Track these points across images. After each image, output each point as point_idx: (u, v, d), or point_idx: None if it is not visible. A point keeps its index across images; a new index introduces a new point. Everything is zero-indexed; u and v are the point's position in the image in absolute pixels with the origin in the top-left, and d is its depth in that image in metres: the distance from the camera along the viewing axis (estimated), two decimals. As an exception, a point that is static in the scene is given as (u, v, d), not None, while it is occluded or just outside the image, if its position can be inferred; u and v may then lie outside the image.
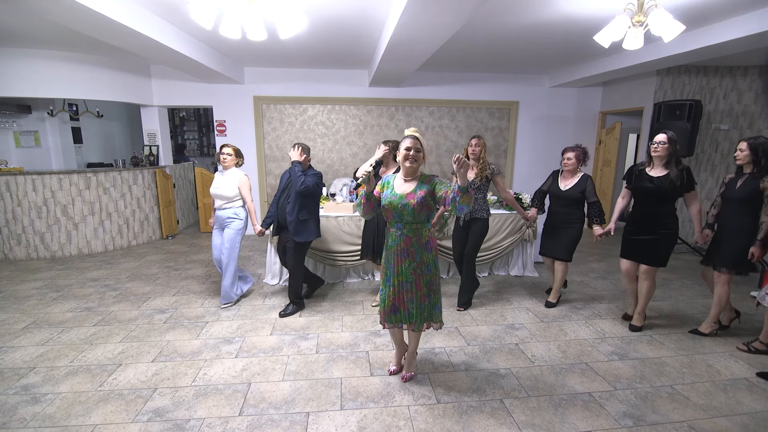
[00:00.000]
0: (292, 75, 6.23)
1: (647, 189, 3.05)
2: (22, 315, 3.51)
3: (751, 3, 3.32)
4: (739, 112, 5.72)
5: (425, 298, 2.37)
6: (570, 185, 3.51)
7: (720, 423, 2.21)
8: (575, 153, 3.45)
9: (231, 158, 3.53)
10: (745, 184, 2.90)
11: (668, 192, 2.99)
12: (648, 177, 3.07)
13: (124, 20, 3.22)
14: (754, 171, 2.88)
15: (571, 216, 3.53)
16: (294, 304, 3.59)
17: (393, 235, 2.34)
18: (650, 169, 3.09)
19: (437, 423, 2.20)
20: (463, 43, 4.58)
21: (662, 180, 3.00)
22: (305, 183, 3.27)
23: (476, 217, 3.52)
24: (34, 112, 6.34)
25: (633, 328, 3.30)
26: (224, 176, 3.55)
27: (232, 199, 3.54)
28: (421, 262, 2.32)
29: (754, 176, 2.86)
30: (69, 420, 2.20)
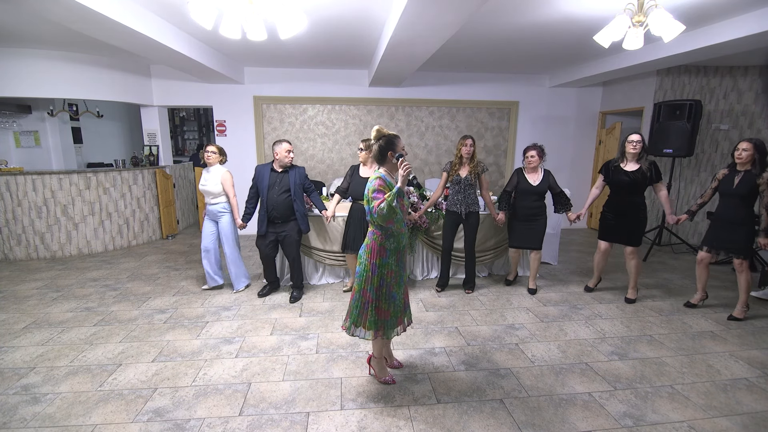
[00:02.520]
0: (292, 75, 6.23)
1: (624, 182, 3.59)
2: (23, 315, 3.51)
3: (751, 3, 3.32)
4: (739, 112, 5.72)
5: None
6: (538, 180, 3.86)
7: (720, 423, 2.22)
8: (536, 151, 3.80)
9: (215, 156, 3.79)
10: (744, 180, 3.21)
11: (641, 183, 3.54)
12: (624, 171, 3.59)
13: (124, 20, 3.22)
14: (751, 169, 3.19)
15: (540, 209, 3.90)
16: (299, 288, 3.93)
17: (405, 234, 2.38)
18: (624, 165, 3.61)
19: (437, 423, 2.20)
20: (463, 43, 4.58)
21: (636, 173, 3.54)
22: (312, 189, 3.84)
23: (472, 210, 3.84)
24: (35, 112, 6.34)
25: (628, 301, 3.84)
26: (210, 173, 3.80)
27: (218, 195, 3.80)
28: None
29: (752, 173, 3.18)
30: (69, 420, 2.20)
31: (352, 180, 3.73)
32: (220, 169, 3.81)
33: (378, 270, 2.29)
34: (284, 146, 3.61)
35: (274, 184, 3.64)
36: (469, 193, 3.80)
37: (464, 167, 3.80)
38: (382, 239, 2.28)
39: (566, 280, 4.47)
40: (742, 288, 3.40)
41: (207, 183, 3.79)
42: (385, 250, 2.29)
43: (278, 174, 3.66)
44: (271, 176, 3.66)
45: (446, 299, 3.90)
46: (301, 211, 3.73)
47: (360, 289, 2.34)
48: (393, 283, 2.34)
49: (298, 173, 3.70)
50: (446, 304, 3.77)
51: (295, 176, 3.67)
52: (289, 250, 3.79)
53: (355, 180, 3.71)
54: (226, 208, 3.85)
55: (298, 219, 3.72)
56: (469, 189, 3.79)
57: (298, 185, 3.68)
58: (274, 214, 3.66)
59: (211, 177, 3.78)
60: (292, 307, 3.70)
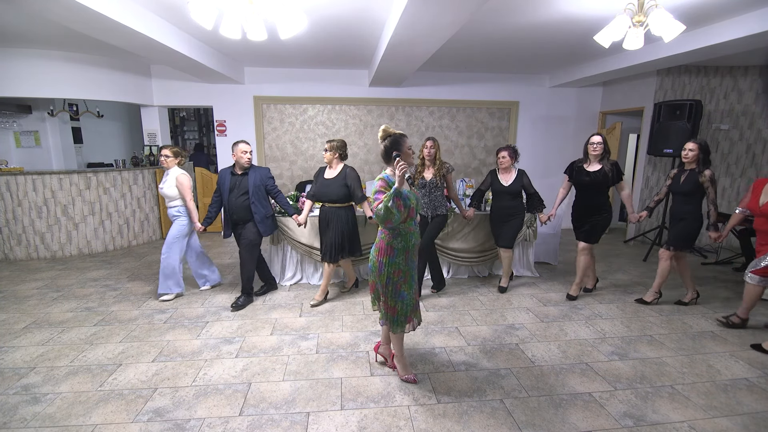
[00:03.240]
0: (293, 75, 6.23)
1: (585, 182, 3.66)
2: (23, 315, 3.51)
3: (751, 3, 3.32)
4: (739, 112, 5.71)
5: None
6: (510, 181, 3.90)
7: (720, 423, 2.21)
8: (508, 152, 3.85)
9: (170, 159, 3.70)
10: (688, 178, 3.47)
11: (602, 183, 3.60)
12: (585, 172, 3.67)
13: (124, 20, 3.22)
14: (695, 168, 3.45)
15: (515, 209, 3.94)
16: (246, 294, 3.73)
17: (415, 234, 2.37)
18: (587, 165, 3.69)
19: (437, 423, 2.20)
20: (463, 43, 4.58)
21: (597, 174, 3.60)
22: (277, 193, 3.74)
23: (439, 213, 3.77)
24: (35, 112, 6.34)
25: (570, 297, 3.91)
26: (168, 176, 3.72)
27: (174, 198, 3.71)
28: None
29: (695, 172, 3.43)
30: (69, 420, 2.20)
31: (317, 182, 3.66)
32: (176, 172, 3.71)
33: (385, 269, 2.33)
34: (240, 147, 3.52)
35: (234, 186, 3.55)
36: (436, 196, 3.74)
37: (428, 170, 3.75)
38: (390, 238, 2.31)
39: (566, 281, 4.46)
40: (661, 275, 3.67)
41: (164, 186, 3.69)
42: (393, 249, 2.31)
43: (238, 176, 3.57)
44: (232, 179, 3.57)
45: (446, 299, 3.90)
46: (261, 214, 3.60)
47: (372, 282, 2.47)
48: (401, 282, 2.36)
49: (258, 175, 3.59)
50: (446, 304, 3.77)
51: (255, 178, 3.56)
52: (242, 251, 3.65)
53: (320, 182, 3.63)
54: (180, 212, 3.74)
55: (257, 222, 3.58)
56: (435, 191, 3.72)
57: (258, 187, 3.56)
58: (235, 218, 3.60)
59: (167, 180, 3.69)
60: (293, 307, 3.70)
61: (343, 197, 3.57)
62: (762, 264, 3.04)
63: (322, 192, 3.60)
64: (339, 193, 3.54)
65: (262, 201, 3.62)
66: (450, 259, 4.43)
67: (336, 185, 3.55)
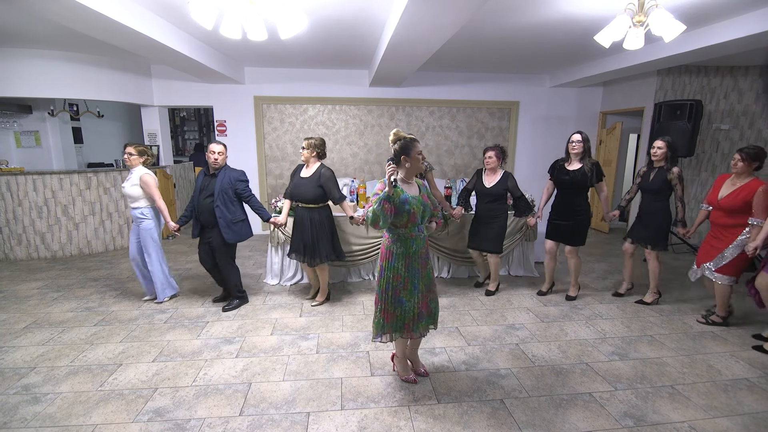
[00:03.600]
0: (293, 75, 6.23)
1: (565, 180, 3.61)
2: (23, 315, 3.51)
3: (751, 3, 3.32)
4: (739, 112, 5.71)
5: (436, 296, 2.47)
6: (494, 182, 3.78)
7: (721, 423, 2.21)
8: (495, 152, 3.73)
9: (134, 157, 3.53)
10: (657, 176, 3.51)
11: (581, 182, 3.53)
12: (566, 171, 3.62)
13: (125, 20, 3.22)
14: (663, 165, 3.48)
15: (496, 211, 3.83)
16: (238, 299, 3.68)
17: (417, 239, 2.29)
18: (568, 164, 3.64)
19: (438, 423, 2.20)
20: (463, 43, 4.58)
21: (577, 172, 3.55)
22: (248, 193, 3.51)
23: None
24: (35, 112, 6.35)
25: (569, 298, 3.91)
26: (131, 175, 3.54)
27: (138, 198, 3.53)
28: (429, 260, 2.42)
29: (664, 170, 3.46)
30: (69, 420, 2.20)
31: (293, 181, 3.53)
32: (140, 171, 3.53)
33: (384, 272, 2.31)
34: (209, 147, 3.39)
35: (204, 188, 3.44)
36: None
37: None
38: (390, 242, 2.31)
39: (566, 281, 4.46)
40: (653, 275, 3.71)
41: (126, 185, 3.52)
42: (392, 254, 2.29)
43: (209, 177, 3.44)
44: (204, 180, 3.46)
45: (446, 299, 3.90)
46: (226, 218, 3.38)
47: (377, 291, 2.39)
48: (401, 288, 2.30)
49: (227, 177, 3.39)
50: (446, 304, 3.77)
51: (224, 180, 3.37)
52: (217, 258, 3.53)
53: (295, 181, 3.51)
54: (145, 214, 3.55)
55: (221, 227, 3.38)
56: None
57: (225, 189, 3.37)
58: (202, 219, 3.47)
59: (130, 179, 3.52)
60: (293, 307, 3.70)
61: (316, 198, 3.42)
62: (723, 262, 3.16)
63: (295, 192, 3.48)
64: (312, 193, 3.40)
65: (229, 205, 3.41)
66: (449, 259, 4.43)
67: (309, 185, 3.41)
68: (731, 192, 3.11)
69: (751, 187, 3.00)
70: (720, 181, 3.27)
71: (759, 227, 2.93)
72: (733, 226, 3.11)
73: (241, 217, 3.53)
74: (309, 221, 3.47)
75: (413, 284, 2.31)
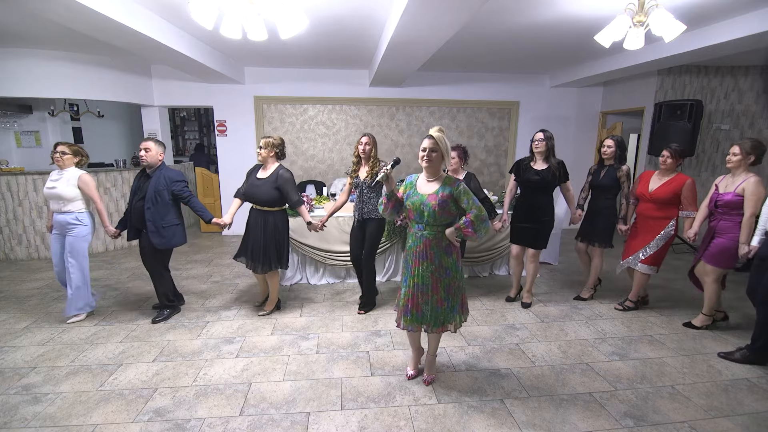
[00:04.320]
0: (293, 75, 6.23)
1: (534, 180, 3.49)
2: (23, 315, 3.51)
3: (752, 3, 3.32)
4: (740, 112, 5.71)
5: (443, 302, 2.33)
6: None
7: (721, 423, 2.21)
8: (457, 152, 3.62)
9: (68, 157, 3.21)
10: (608, 174, 3.58)
11: (550, 182, 3.47)
12: (534, 170, 3.51)
13: (125, 20, 3.22)
14: (613, 164, 3.55)
15: None
16: (168, 308, 3.46)
17: (413, 236, 2.32)
18: (534, 164, 3.54)
19: (438, 423, 2.20)
20: (463, 43, 4.58)
21: (545, 172, 3.46)
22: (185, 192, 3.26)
23: (371, 217, 3.39)
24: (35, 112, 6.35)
25: (525, 305, 3.75)
26: (61, 175, 3.22)
27: (72, 200, 3.21)
28: (440, 265, 2.29)
29: (614, 168, 3.54)
30: (70, 420, 2.20)
31: (248, 181, 3.34)
32: (76, 172, 3.24)
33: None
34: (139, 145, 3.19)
35: (138, 189, 3.21)
36: (369, 197, 3.36)
37: (363, 168, 3.40)
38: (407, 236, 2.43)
39: (567, 281, 4.46)
40: (594, 271, 3.81)
41: (57, 185, 3.16)
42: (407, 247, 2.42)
43: (144, 178, 3.22)
44: (138, 181, 3.23)
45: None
46: (155, 222, 3.15)
47: None
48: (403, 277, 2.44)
49: (162, 177, 3.16)
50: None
51: (158, 182, 3.14)
52: (146, 262, 3.32)
53: (250, 181, 3.31)
54: (80, 219, 3.23)
55: (149, 231, 3.14)
56: (369, 193, 3.36)
57: (160, 191, 3.14)
58: (134, 222, 3.23)
59: (63, 179, 3.19)
60: (293, 307, 3.70)
61: (272, 201, 3.23)
62: (649, 253, 3.41)
63: (250, 193, 3.26)
64: (268, 195, 3.21)
65: (161, 208, 3.16)
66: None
67: (266, 187, 3.21)
68: (661, 185, 3.36)
69: (679, 179, 3.30)
70: (646, 176, 3.53)
71: (692, 219, 3.26)
72: (660, 218, 3.37)
73: (175, 221, 3.27)
74: (263, 225, 3.25)
75: (404, 277, 2.42)
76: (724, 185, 3.08)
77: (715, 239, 3.07)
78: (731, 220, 3.00)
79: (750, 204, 2.87)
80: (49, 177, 3.25)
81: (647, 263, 3.43)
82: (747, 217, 2.88)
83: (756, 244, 2.81)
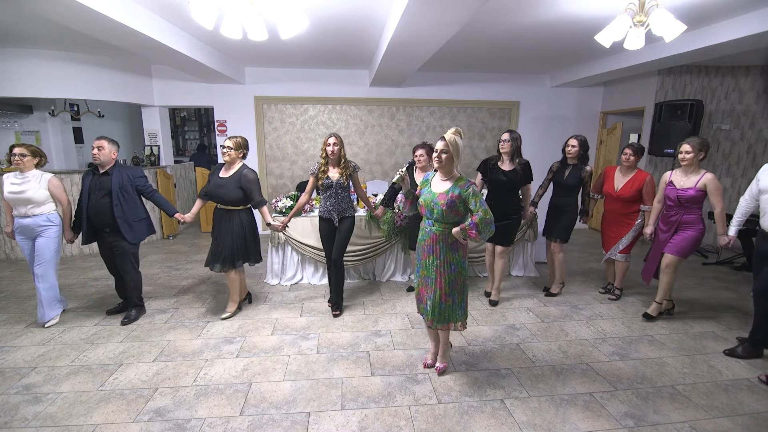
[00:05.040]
0: (293, 75, 6.23)
1: (502, 181, 3.59)
2: (24, 315, 3.51)
3: (752, 3, 3.32)
4: (740, 112, 5.71)
5: (447, 297, 2.42)
6: None
7: (722, 423, 2.21)
8: (425, 149, 3.66)
9: (28, 159, 3.12)
10: (573, 173, 3.71)
11: (517, 182, 3.58)
12: (502, 171, 3.60)
13: (125, 20, 3.22)
14: (578, 163, 3.70)
15: None
16: (137, 308, 3.45)
17: (423, 231, 2.46)
18: (501, 164, 3.63)
19: (438, 423, 2.20)
20: (464, 43, 4.58)
21: (512, 173, 3.57)
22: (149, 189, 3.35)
23: (346, 215, 3.47)
24: (36, 112, 6.36)
25: (492, 303, 3.82)
26: (27, 178, 3.12)
27: (43, 203, 3.16)
28: (444, 260, 2.38)
29: (578, 167, 3.68)
30: (70, 419, 2.20)
31: (211, 180, 3.32)
32: (44, 175, 3.19)
33: None
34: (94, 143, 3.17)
35: (93, 188, 3.17)
36: (343, 197, 3.43)
37: (333, 169, 3.41)
38: None
39: (567, 281, 4.46)
40: (558, 267, 3.93)
41: (28, 188, 3.09)
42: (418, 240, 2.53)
43: (99, 177, 3.20)
44: (93, 180, 3.20)
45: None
46: (126, 218, 3.20)
47: None
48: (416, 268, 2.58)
49: (124, 174, 3.20)
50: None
51: (121, 178, 3.18)
52: (119, 262, 3.30)
53: (213, 181, 3.30)
54: (52, 220, 3.20)
55: (121, 228, 3.17)
56: (342, 192, 3.42)
57: (124, 187, 3.19)
58: (96, 222, 3.20)
59: (31, 182, 3.11)
60: (293, 307, 3.70)
61: (236, 200, 3.25)
62: (626, 244, 3.72)
63: (214, 192, 3.27)
64: (232, 195, 3.23)
65: (130, 203, 3.23)
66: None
67: (230, 187, 3.22)
68: (626, 183, 3.63)
69: (640, 177, 3.59)
70: (610, 173, 3.78)
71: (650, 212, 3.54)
72: (629, 213, 3.67)
73: (143, 215, 3.37)
74: (228, 224, 3.28)
75: (417, 267, 2.55)
76: (680, 182, 3.26)
77: (681, 232, 3.28)
78: (694, 213, 3.23)
79: (718, 199, 3.09)
80: (8, 181, 3.12)
81: (624, 253, 3.75)
82: (720, 211, 3.10)
83: (733, 234, 3.01)
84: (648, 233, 3.47)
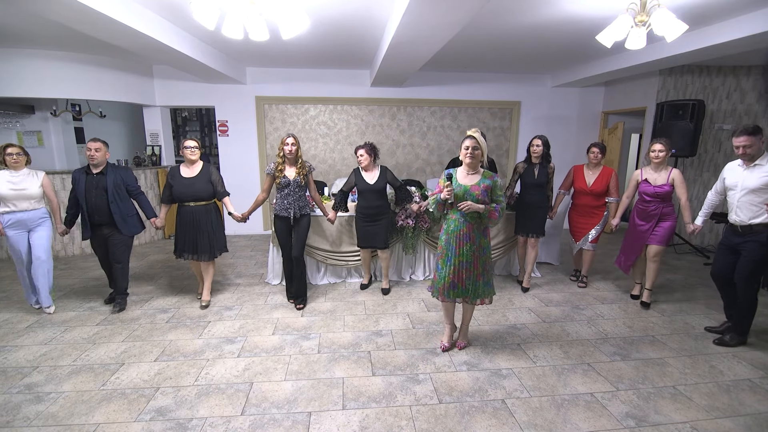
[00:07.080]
0: (294, 75, 6.23)
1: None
2: (26, 314, 3.52)
3: (754, 3, 3.31)
4: (742, 111, 5.70)
5: (480, 276, 2.74)
6: (375, 178, 3.82)
7: (723, 424, 2.21)
8: (365, 149, 3.75)
9: (22, 157, 3.34)
10: (541, 171, 3.94)
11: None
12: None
13: (126, 20, 3.23)
14: (542, 161, 3.93)
15: (381, 208, 3.89)
16: (125, 295, 3.71)
17: (455, 221, 2.68)
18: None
19: (439, 423, 2.20)
20: (465, 43, 4.58)
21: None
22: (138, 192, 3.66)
23: (303, 213, 3.61)
24: (38, 113, 6.36)
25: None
26: (21, 176, 3.34)
27: (41, 198, 3.46)
28: (479, 245, 2.70)
29: (544, 165, 3.94)
30: (72, 419, 2.21)
31: (175, 183, 3.51)
32: (36, 172, 3.43)
33: (438, 242, 2.83)
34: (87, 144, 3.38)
35: (90, 187, 3.42)
36: (300, 196, 3.57)
37: (291, 168, 3.54)
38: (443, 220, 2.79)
39: (568, 281, 4.46)
40: (530, 262, 4.16)
41: (27, 186, 3.33)
42: (442, 229, 2.77)
43: (94, 176, 3.43)
44: (87, 180, 3.43)
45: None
46: (120, 214, 3.47)
47: None
48: (439, 257, 2.78)
49: (118, 174, 3.49)
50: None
51: (115, 177, 3.46)
52: (117, 254, 3.56)
53: (179, 182, 3.50)
54: (47, 213, 3.52)
55: (117, 223, 3.45)
56: (299, 191, 3.55)
57: (118, 186, 3.46)
58: (97, 219, 3.46)
59: (27, 179, 3.35)
60: (294, 307, 3.70)
61: (209, 195, 3.55)
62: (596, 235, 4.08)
63: (185, 192, 3.48)
64: (206, 190, 3.52)
65: (125, 200, 3.53)
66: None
67: (201, 183, 3.51)
68: (596, 179, 4.00)
69: (607, 172, 4.01)
70: (579, 170, 4.14)
71: (616, 204, 3.96)
72: (599, 206, 4.06)
73: (134, 212, 3.66)
74: (203, 219, 3.54)
75: (447, 257, 2.72)
76: (653, 178, 3.58)
77: (662, 223, 3.58)
78: (669, 205, 3.59)
79: (684, 191, 3.46)
80: (3, 179, 3.27)
81: (594, 243, 4.12)
82: (685, 201, 3.46)
83: (699, 224, 3.29)
84: (614, 225, 3.86)
